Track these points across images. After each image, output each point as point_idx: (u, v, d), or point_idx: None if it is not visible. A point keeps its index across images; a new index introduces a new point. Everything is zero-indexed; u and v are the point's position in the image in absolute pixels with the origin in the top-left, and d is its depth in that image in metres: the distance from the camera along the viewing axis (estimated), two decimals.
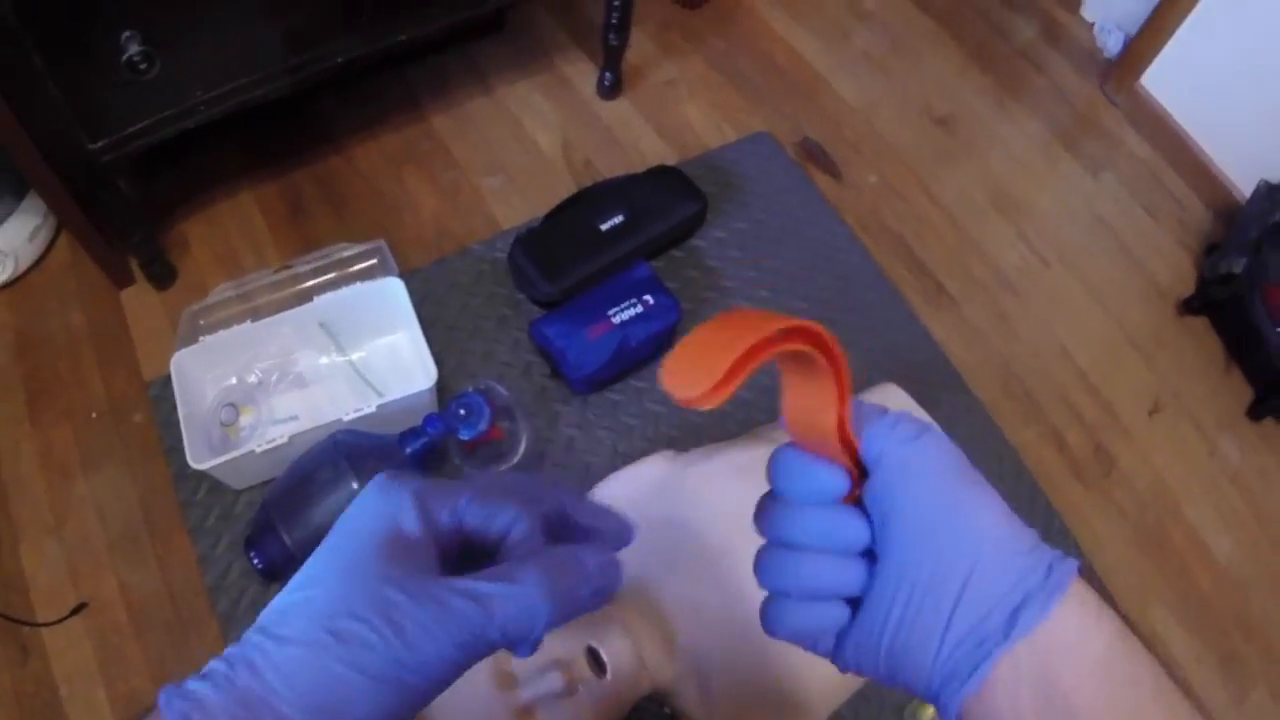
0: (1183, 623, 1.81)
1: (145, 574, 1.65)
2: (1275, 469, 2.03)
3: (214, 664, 0.41)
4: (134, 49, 1.34)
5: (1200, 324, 2.21)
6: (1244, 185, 2.29)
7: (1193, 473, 2.00)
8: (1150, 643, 1.18)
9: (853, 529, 0.46)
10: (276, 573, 0.97)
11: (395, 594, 0.43)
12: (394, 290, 1.11)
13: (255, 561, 0.96)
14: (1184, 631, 1.80)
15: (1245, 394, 2.13)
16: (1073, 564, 0.43)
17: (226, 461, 0.99)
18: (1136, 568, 1.85)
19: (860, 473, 0.47)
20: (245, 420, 1.14)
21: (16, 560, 1.68)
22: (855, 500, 0.47)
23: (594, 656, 0.80)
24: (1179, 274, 2.27)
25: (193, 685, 0.40)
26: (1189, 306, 2.21)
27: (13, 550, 1.69)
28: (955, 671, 0.43)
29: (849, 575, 0.46)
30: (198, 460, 0.98)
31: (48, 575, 1.67)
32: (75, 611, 1.63)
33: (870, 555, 0.47)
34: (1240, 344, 2.17)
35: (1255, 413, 2.10)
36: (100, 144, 1.45)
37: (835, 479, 0.46)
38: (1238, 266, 2.08)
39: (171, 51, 1.38)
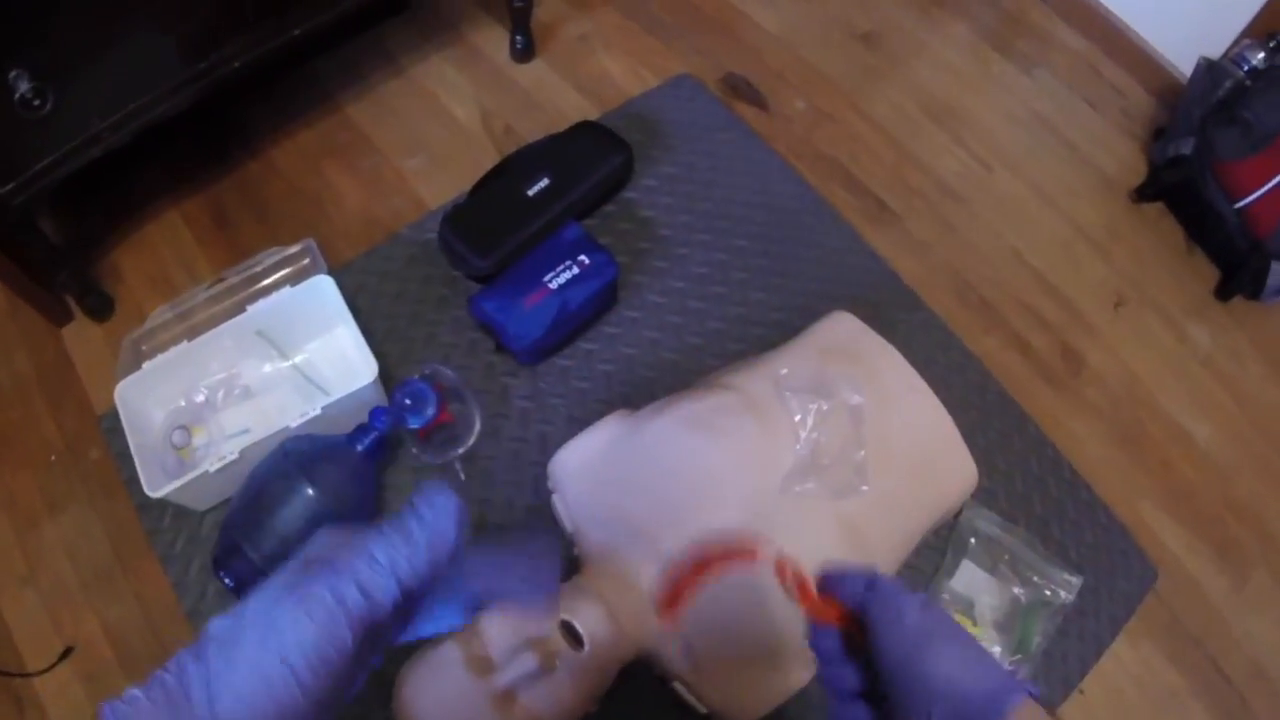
0: (1172, 515, 1.81)
1: (124, 609, 1.63)
2: (1248, 348, 2.03)
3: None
4: (24, 87, 1.30)
5: (1155, 211, 2.20)
6: (1183, 66, 2.27)
7: (1164, 362, 1.99)
8: (1143, 539, 1.16)
9: (841, 679, 0.57)
10: (249, 589, 0.95)
11: None
12: (324, 288, 1.08)
13: (227, 582, 0.94)
14: (1174, 523, 1.80)
15: (1210, 276, 2.12)
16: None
17: (182, 486, 0.97)
18: (1118, 464, 1.85)
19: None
20: (198, 440, 1.12)
21: None
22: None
23: (569, 630, 0.78)
24: (1128, 163, 2.26)
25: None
26: (1142, 194, 2.20)
27: None
28: None
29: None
30: (154, 488, 0.96)
31: (29, 624, 1.65)
32: (63, 657, 1.61)
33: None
34: (1199, 225, 2.16)
35: (1222, 293, 2.09)
36: (9, 187, 1.41)
37: (818, 642, 0.58)
38: (1186, 148, 2.07)
39: (63, 84, 1.34)
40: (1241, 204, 1.99)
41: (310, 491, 0.93)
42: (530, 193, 1.17)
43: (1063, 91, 2.36)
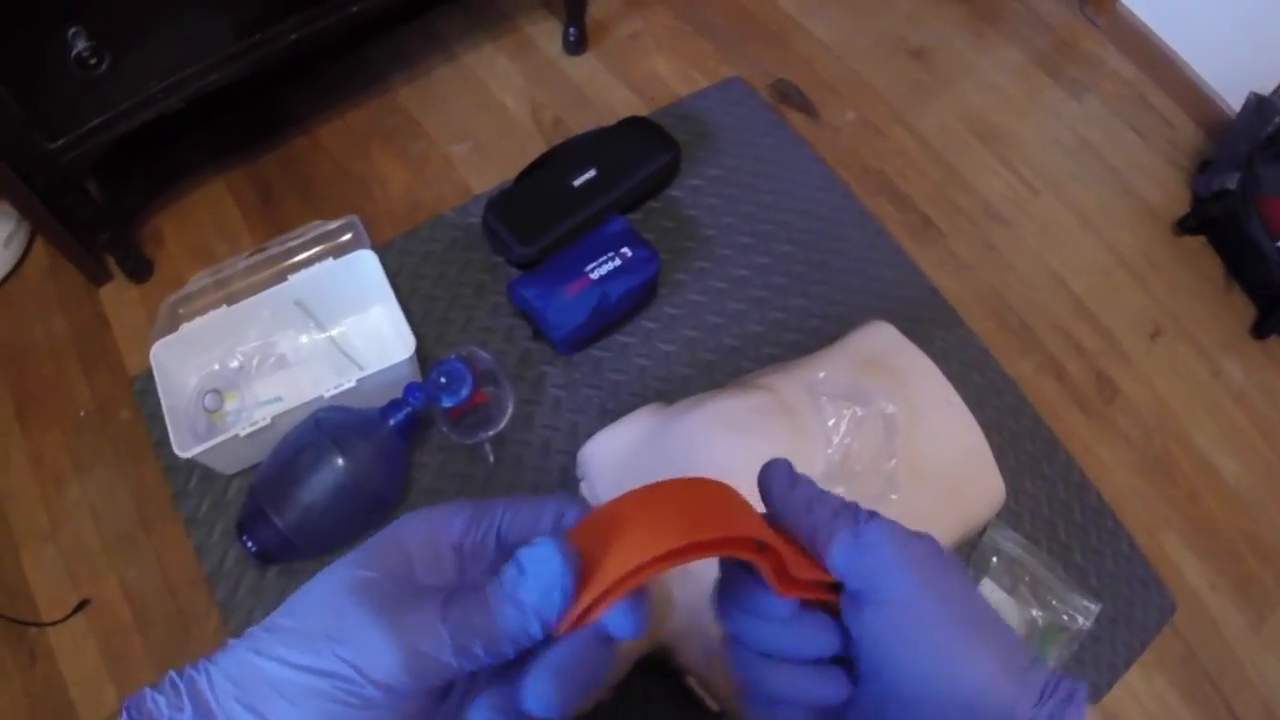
0: (1194, 549, 1.80)
1: (143, 569, 1.64)
2: None
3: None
4: (81, 45, 1.31)
5: (1196, 243, 2.18)
6: (1233, 99, 2.25)
7: (1197, 395, 1.98)
8: (1164, 571, 1.16)
9: (815, 643, 0.43)
10: (270, 555, 0.96)
11: None
12: (367, 263, 1.09)
13: (249, 546, 0.94)
14: (1196, 558, 1.79)
15: (1247, 312, 2.10)
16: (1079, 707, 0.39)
17: (212, 447, 0.97)
18: (1144, 495, 1.84)
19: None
20: (230, 405, 1.12)
21: (18, 568, 1.67)
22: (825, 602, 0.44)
23: None
24: (1171, 194, 2.24)
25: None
26: (1184, 226, 2.18)
27: (14, 559, 1.68)
28: None
29: (815, 688, 0.43)
30: (183, 448, 0.97)
31: (48, 580, 1.66)
32: (78, 609, 1.62)
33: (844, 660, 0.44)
34: (1239, 261, 2.14)
35: (1259, 330, 2.07)
36: (60, 143, 1.42)
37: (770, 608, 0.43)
38: (1231, 182, 2.05)
39: (121, 44, 1.36)
40: None
41: (340, 461, 0.93)
42: (576, 183, 1.17)
43: (1111, 119, 2.35)
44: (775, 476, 0.46)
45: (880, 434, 0.87)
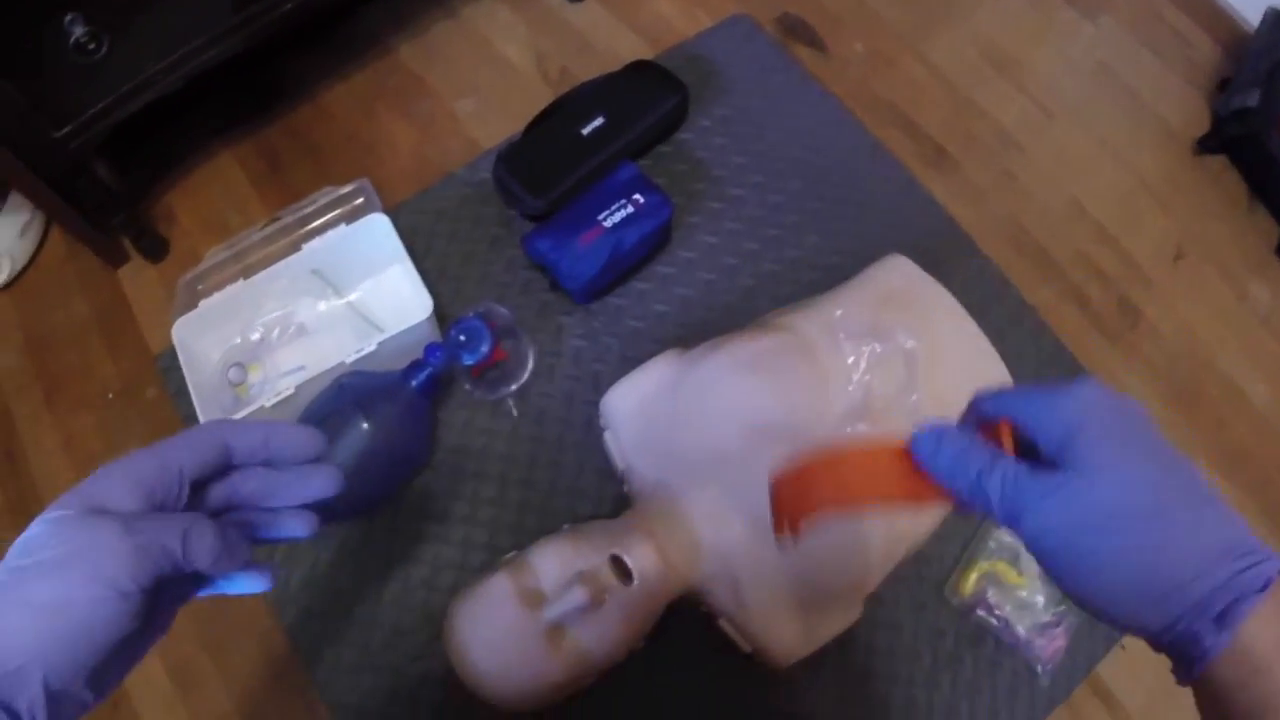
0: (1224, 475, 1.77)
1: None
2: None
3: None
4: (79, 30, 1.31)
5: (1218, 163, 2.14)
6: (1251, 15, 2.21)
7: (1223, 319, 1.95)
8: None
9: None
10: None
11: None
12: (380, 226, 1.09)
13: None
14: (1226, 484, 1.76)
15: (1271, 232, 2.06)
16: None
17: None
18: (1171, 422, 1.81)
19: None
20: (254, 378, 1.13)
21: None
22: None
23: (618, 564, 0.78)
24: (1191, 114, 2.20)
25: None
26: (1204, 146, 2.14)
27: None
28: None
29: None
30: None
31: None
32: None
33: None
34: (1262, 180, 2.10)
35: None
36: (65, 131, 1.42)
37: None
38: (1252, 100, 2.02)
39: (118, 27, 1.35)
40: None
41: (365, 426, 0.93)
42: (585, 132, 1.16)
43: (1127, 40, 2.30)
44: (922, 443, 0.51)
45: (901, 369, 0.86)
